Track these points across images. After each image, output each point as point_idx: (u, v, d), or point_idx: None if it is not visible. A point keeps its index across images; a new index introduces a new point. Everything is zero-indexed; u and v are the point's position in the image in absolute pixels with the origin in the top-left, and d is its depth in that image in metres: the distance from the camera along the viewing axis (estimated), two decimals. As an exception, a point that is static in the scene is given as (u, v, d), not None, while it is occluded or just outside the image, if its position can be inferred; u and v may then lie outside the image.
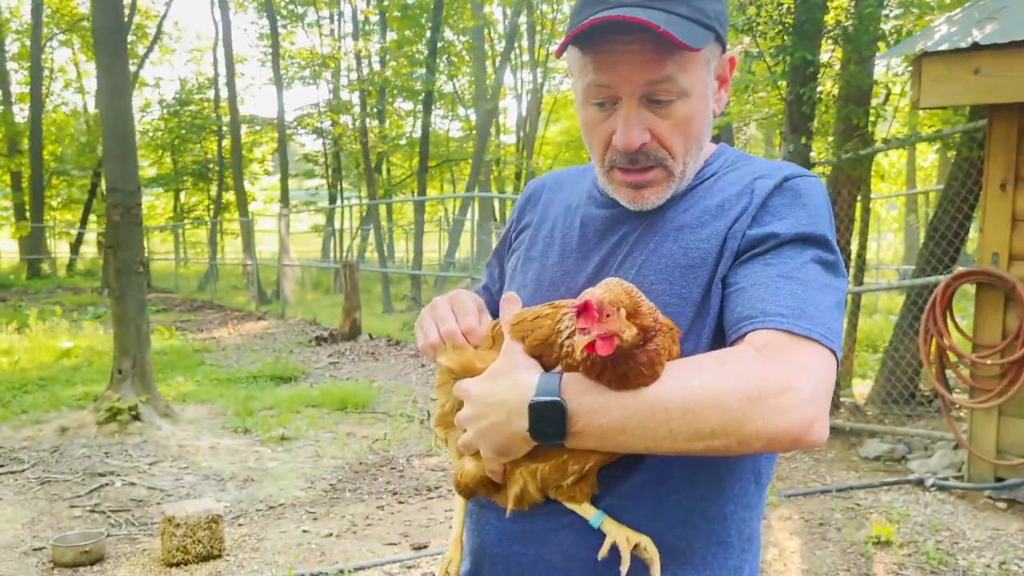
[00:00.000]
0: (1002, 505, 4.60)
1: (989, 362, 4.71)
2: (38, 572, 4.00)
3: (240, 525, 4.58)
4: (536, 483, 1.08)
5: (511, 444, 1.03)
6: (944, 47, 4.54)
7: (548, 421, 0.97)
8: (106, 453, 5.80)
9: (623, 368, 0.94)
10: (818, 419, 0.94)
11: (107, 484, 5.22)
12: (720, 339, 1.08)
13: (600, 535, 1.08)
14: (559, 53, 1.14)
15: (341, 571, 3.88)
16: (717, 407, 0.92)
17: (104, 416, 6.22)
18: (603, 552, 1.06)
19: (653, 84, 1.09)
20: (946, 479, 4.95)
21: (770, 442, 0.93)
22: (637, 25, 1.04)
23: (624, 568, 1.03)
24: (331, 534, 4.42)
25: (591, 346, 0.92)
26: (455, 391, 1.13)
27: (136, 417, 6.28)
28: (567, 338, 0.99)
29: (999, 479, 4.74)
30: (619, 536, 1.06)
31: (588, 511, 1.09)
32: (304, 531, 4.47)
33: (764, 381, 0.93)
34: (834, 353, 1.00)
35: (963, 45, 4.45)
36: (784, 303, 1.00)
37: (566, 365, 1.00)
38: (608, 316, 0.91)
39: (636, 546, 1.06)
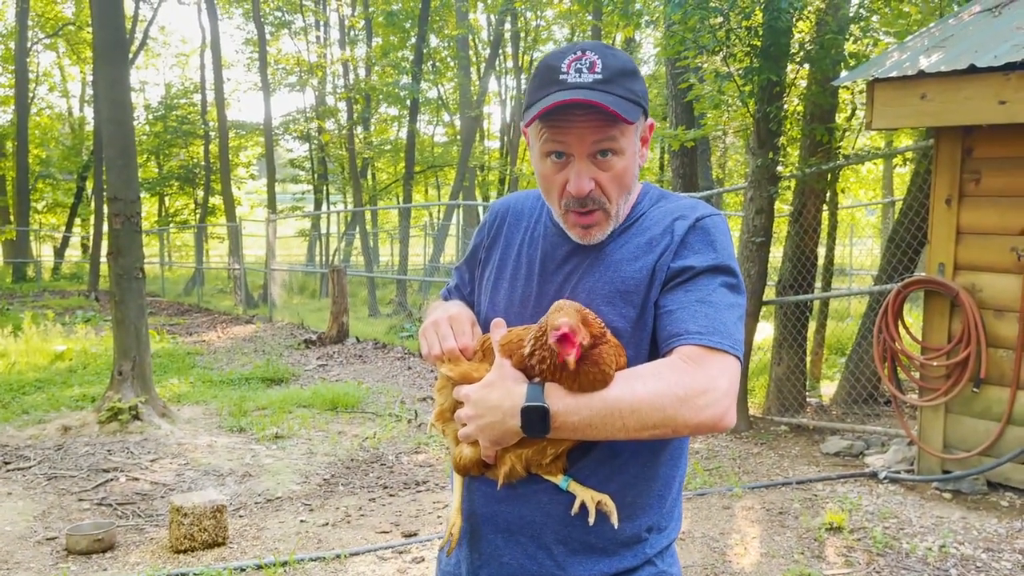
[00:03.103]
0: (947, 495, 4.99)
1: (936, 364, 5.10)
2: (52, 560, 4.29)
3: (241, 516, 4.89)
4: (522, 463, 1.41)
5: (505, 436, 1.36)
6: (894, 74, 4.93)
7: (535, 420, 1.30)
8: (109, 451, 6.08)
9: (577, 365, 1.29)
10: (729, 410, 1.31)
11: (112, 479, 5.51)
12: (655, 347, 1.43)
13: (568, 495, 1.43)
14: (528, 125, 1.44)
15: (338, 556, 4.21)
16: (655, 407, 1.27)
17: (105, 415, 6.50)
18: (575, 508, 1.41)
19: (598, 143, 1.40)
20: (898, 472, 5.34)
21: (695, 429, 1.30)
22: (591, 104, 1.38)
23: (592, 519, 1.39)
24: (327, 524, 4.74)
25: (577, 364, 1.28)
26: (455, 394, 1.44)
27: (136, 417, 6.57)
28: (538, 349, 1.33)
29: (946, 471, 5.14)
30: (585, 495, 1.41)
31: (557, 478, 1.44)
32: (302, 521, 4.79)
33: (690, 385, 1.28)
34: (738, 358, 1.36)
35: (910, 72, 4.84)
36: (701, 323, 1.36)
37: (540, 373, 1.34)
38: (579, 334, 1.27)
39: (599, 502, 1.41)
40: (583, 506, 1.41)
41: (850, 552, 4.22)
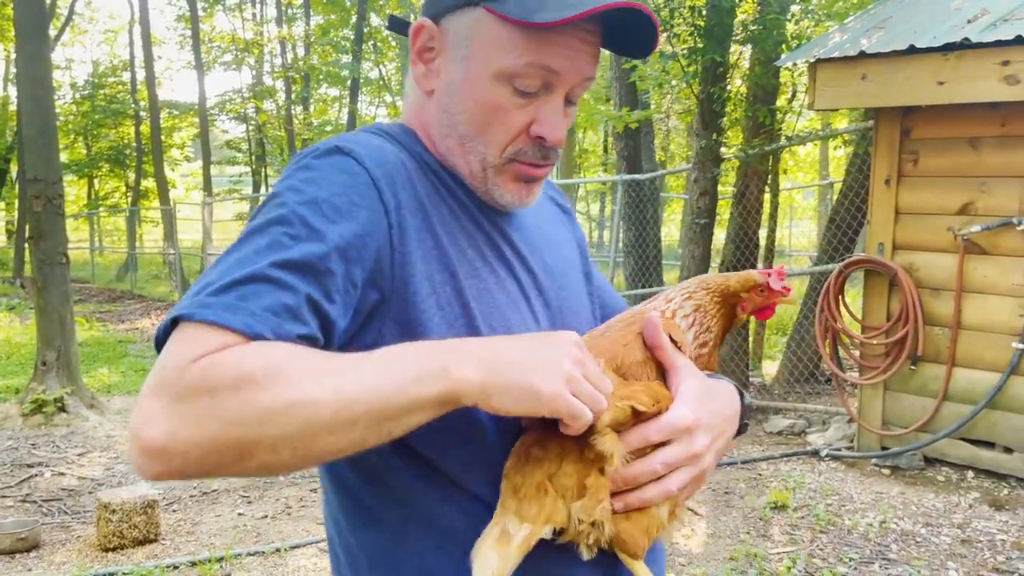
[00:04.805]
0: (886, 471, 5.08)
1: (875, 342, 5.17)
2: (-29, 562, 4.05)
3: (174, 511, 4.69)
4: None
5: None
6: (835, 54, 4.95)
7: (745, 416, 1.10)
8: (33, 445, 5.79)
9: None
10: None
11: (36, 475, 5.25)
12: None
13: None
14: (564, 23, 0.93)
15: (278, 550, 4.06)
16: None
17: (29, 408, 6.20)
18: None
19: (585, 81, 1.01)
20: (839, 450, 5.42)
21: None
22: (596, 19, 0.97)
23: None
24: (266, 516, 4.58)
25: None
26: (662, 430, 0.94)
27: (62, 409, 6.28)
28: (703, 331, 1.08)
29: (884, 448, 5.23)
30: None
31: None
32: (239, 514, 4.62)
33: None
34: None
35: (851, 53, 4.86)
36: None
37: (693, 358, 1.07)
38: None
39: None
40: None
41: (794, 530, 4.25)
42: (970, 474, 4.88)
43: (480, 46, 0.98)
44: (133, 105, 25.34)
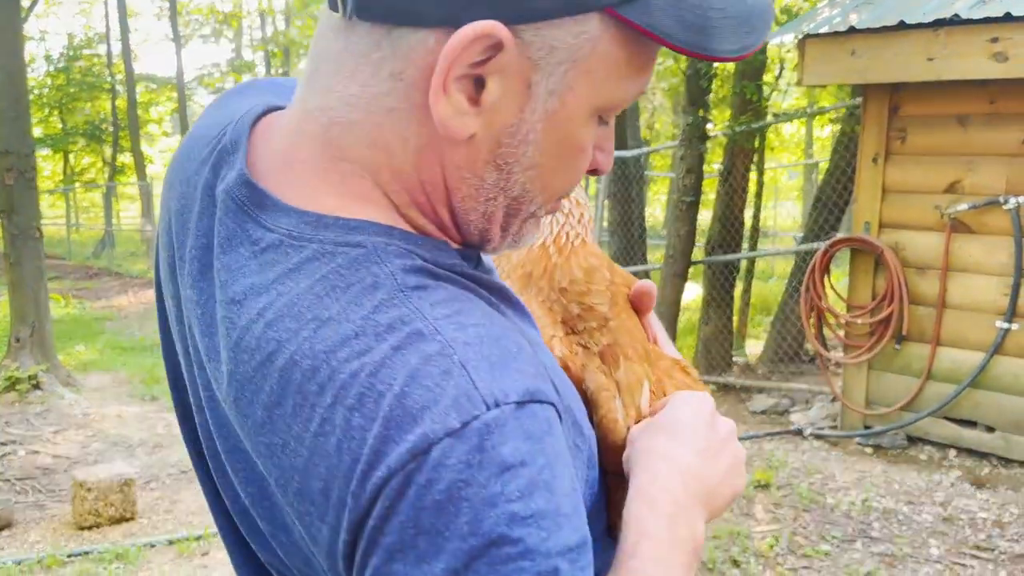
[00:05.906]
0: (869, 450, 5.09)
1: (860, 321, 5.16)
2: (-58, 541, 3.96)
3: (152, 489, 4.62)
4: None
5: None
6: (824, 30, 4.89)
7: None
8: (6, 423, 5.68)
9: None
10: None
11: (10, 453, 5.14)
12: None
13: None
14: (745, 56, 0.64)
15: (257, 528, 4.01)
16: None
17: (2, 386, 6.09)
18: None
19: None
20: (822, 429, 5.42)
21: None
22: None
23: None
24: (245, 495, 4.52)
25: None
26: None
27: (37, 386, 6.17)
28: None
29: (867, 427, 5.23)
30: None
31: None
32: (218, 493, 4.55)
33: None
34: None
35: (841, 28, 4.80)
36: None
37: None
38: None
39: None
40: None
41: (777, 508, 4.25)
42: (952, 453, 4.90)
43: (587, 71, 0.63)
44: (109, 78, 24.89)
